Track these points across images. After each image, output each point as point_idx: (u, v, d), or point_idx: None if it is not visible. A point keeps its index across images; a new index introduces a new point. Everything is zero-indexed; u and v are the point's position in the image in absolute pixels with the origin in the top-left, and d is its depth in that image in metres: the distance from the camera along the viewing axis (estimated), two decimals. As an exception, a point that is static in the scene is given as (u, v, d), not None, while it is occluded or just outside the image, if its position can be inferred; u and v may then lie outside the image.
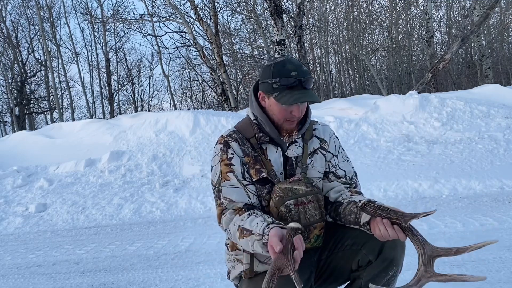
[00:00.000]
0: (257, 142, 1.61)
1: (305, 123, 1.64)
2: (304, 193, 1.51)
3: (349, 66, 22.20)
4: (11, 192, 6.42)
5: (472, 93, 8.32)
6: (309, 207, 1.51)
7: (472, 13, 13.21)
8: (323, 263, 1.61)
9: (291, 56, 1.59)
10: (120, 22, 17.98)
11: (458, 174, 5.15)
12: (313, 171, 1.61)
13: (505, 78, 17.70)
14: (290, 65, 1.51)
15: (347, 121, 7.29)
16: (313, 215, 1.51)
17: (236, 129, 1.66)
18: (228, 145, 1.59)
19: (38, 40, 20.28)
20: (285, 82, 1.50)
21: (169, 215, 5.21)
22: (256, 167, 1.57)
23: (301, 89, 1.50)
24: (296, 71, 1.49)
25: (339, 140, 1.75)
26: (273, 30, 10.01)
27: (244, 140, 1.61)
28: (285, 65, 1.52)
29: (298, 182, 1.53)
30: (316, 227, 1.52)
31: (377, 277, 1.49)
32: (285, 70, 1.50)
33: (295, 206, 1.49)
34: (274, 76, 1.52)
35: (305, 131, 1.66)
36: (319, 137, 1.69)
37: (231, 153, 1.58)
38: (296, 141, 1.63)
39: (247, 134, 1.62)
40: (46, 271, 3.53)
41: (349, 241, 1.55)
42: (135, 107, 23.56)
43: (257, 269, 1.55)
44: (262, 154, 1.60)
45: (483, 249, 2.92)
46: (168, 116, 8.33)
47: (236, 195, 1.52)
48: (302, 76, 1.49)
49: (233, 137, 1.61)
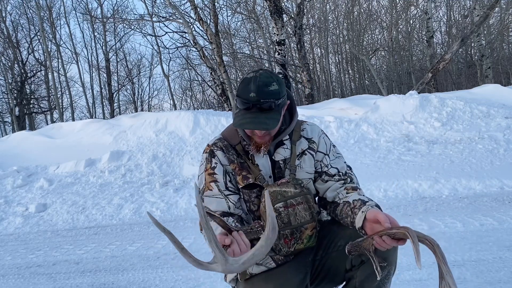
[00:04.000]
0: (242, 148, 1.61)
1: (290, 124, 1.62)
2: (293, 195, 1.50)
3: (349, 66, 22.20)
4: (11, 192, 6.42)
5: (472, 93, 8.32)
6: (299, 209, 1.50)
7: (472, 13, 13.21)
8: (318, 263, 1.61)
9: (267, 71, 1.52)
10: (120, 22, 17.98)
11: (458, 174, 5.15)
12: (302, 173, 1.61)
13: (505, 78, 17.70)
14: (253, 85, 1.44)
15: (347, 121, 7.29)
16: (303, 216, 1.50)
17: (222, 136, 1.66)
18: (213, 154, 1.60)
19: (38, 40, 20.28)
20: (239, 103, 1.47)
21: (169, 215, 5.21)
22: (242, 173, 1.57)
23: (256, 112, 1.44)
24: (255, 92, 1.43)
25: (329, 138, 1.73)
26: (273, 30, 10.02)
27: (229, 148, 1.62)
28: (249, 83, 1.45)
29: (287, 184, 1.53)
30: (308, 227, 1.52)
31: (371, 276, 1.49)
32: (246, 90, 1.45)
33: (284, 209, 1.49)
34: (237, 94, 1.50)
35: (293, 132, 1.65)
36: (307, 137, 1.67)
37: (214, 162, 1.59)
38: (283, 143, 1.62)
39: (233, 141, 1.62)
40: (46, 271, 3.53)
41: (341, 241, 1.54)
42: (135, 107, 23.57)
43: (252, 270, 1.55)
44: (249, 160, 1.60)
45: (483, 249, 2.94)
46: (168, 116, 8.33)
47: (215, 204, 1.53)
48: (259, 98, 1.42)
49: (218, 145, 1.62)
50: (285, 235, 1.50)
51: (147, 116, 8.88)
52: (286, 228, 1.49)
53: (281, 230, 1.49)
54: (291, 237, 1.50)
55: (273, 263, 1.55)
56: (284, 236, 1.50)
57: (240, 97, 1.46)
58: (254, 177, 1.56)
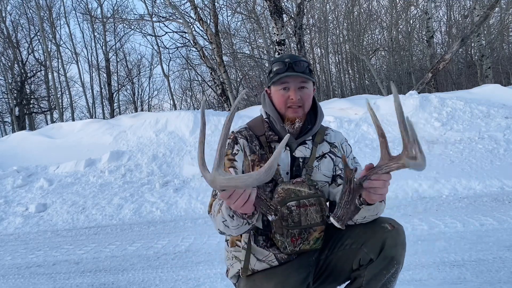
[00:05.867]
0: (266, 140, 1.63)
1: (315, 123, 1.66)
2: (307, 195, 1.51)
3: (349, 66, 22.18)
4: (11, 192, 6.42)
5: (472, 93, 8.31)
6: (311, 210, 1.51)
7: (472, 13, 13.21)
8: (322, 263, 1.61)
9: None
10: (120, 22, 17.96)
11: (458, 174, 5.15)
12: (319, 174, 1.62)
13: (505, 78, 17.69)
14: (286, 55, 1.64)
15: (347, 121, 7.29)
16: (314, 218, 1.51)
17: (247, 126, 1.69)
18: (236, 141, 1.63)
19: (38, 40, 20.26)
20: (278, 67, 1.61)
21: (169, 215, 5.21)
22: (260, 165, 1.59)
23: (292, 72, 1.58)
24: (290, 58, 1.61)
25: (351, 146, 1.77)
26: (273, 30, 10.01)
27: (253, 138, 1.64)
28: (282, 55, 1.66)
29: (302, 184, 1.53)
30: (316, 230, 1.53)
31: (378, 275, 1.49)
32: (280, 59, 1.64)
33: (296, 208, 1.49)
34: (272, 64, 1.66)
35: (316, 135, 1.67)
36: (330, 141, 1.70)
37: (236, 149, 1.61)
38: (306, 142, 1.65)
39: (257, 132, 1.65)
40: (46, 271, 3.53)
41: (349, 240, 1.55)
42: (135, 107, 23.55)
43: (254, 266, 1.57)
44: (269, 153, 1.61)
45: (483, 249, 2.94)
46: (168, 116, 8.33)
47: None
48: (292, 60, 1.59)
49: (243, 134, 1.65)
50: (292, 234, 1.50)
51: (147, 116, 8.88)
52: (295, 227, 1.50)
53: (290, 228, 1.49)
54: (298, 236, 1.51)
55: (276, 261, 1.56)
56: (292, 235, 1.50)
57: (276, 63, 1.63)
58: None
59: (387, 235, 1.48)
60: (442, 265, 2.75)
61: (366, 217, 1.50)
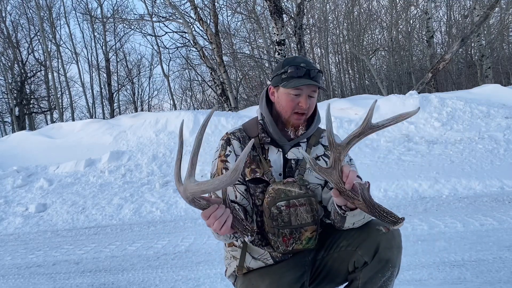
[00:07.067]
0: (259, 142, 1.63)
1: (311, 124, 1.65)
2: (297, 195, 1.50)
3: (349, 66, 22.17)
4: (11, 192, 6.42)
5: (472, 93, 8.31)
6: (301, 210, 1.50)
7: (472, 13, 13.21)
8: (319, 263, 1.61)
9: None
10: (120, 22, 17.96)
11: (458, 174, 5.15)
12: (311, 176, 1.61)
13: (505, 78, 17.69)
14: (299, 59, 1.61)
15: (347, 121, 7.29)
16: (304, 218, 1.50)
17: (242, 127, 1.70)
18: (229, 142, 1.64)
19: (38, 40, 20.25)
20: (293, 70, 1.57)
21: (169, 215, 5.20)
22: (251, 166, 1.59)
23: (309, 79, 1.56)
24: (305, 63, 1.58)
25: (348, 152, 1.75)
26: (273, 30, 10.01)
27: (246, 139, 1.64)
28: (295, 58, 1.62)
29: (292, 184, 1.53)
30: (308, 229, 1.51)
31: (374, 278, 1.48)
32: (295, 61, 1.59)
33: (286, 208, 1.49)
34: (284, 66, 1.60)
35: (311, 137, 1.67)
36: (325, 145, 1.69)
37: (229, 151, 1.62)
38: (300, 144, 1.65)
39: (251, 134, 1.65)
40: (46, 271, 3.53)
41: (344, 242, 1.54)
42: (135, 107, 23.54)
43: (250, 264, 1.58)
44: (262, 154, 1.61)
45: (483, 249, 2.94)
46: (168, 116, 8.33)
47: None
48: (308, 66, 1.57)
49: (236, 135, 1.65)
50: (283, 233, 1.50)
51: (147, 116, 8.88)
52: (286, 227, 1.49)
53: (280, 228, 1.49)
54: (290, 236, 1.50)
55: (271, 260, 1.56)
56: (283, 234, 1.50)
57: (293, 65, 1.57)
58: (262, 172, 1.58)
59: (382, 238, 1.46)
60: (442, 265, 2.75)
61: (355, 223, 1.47)
